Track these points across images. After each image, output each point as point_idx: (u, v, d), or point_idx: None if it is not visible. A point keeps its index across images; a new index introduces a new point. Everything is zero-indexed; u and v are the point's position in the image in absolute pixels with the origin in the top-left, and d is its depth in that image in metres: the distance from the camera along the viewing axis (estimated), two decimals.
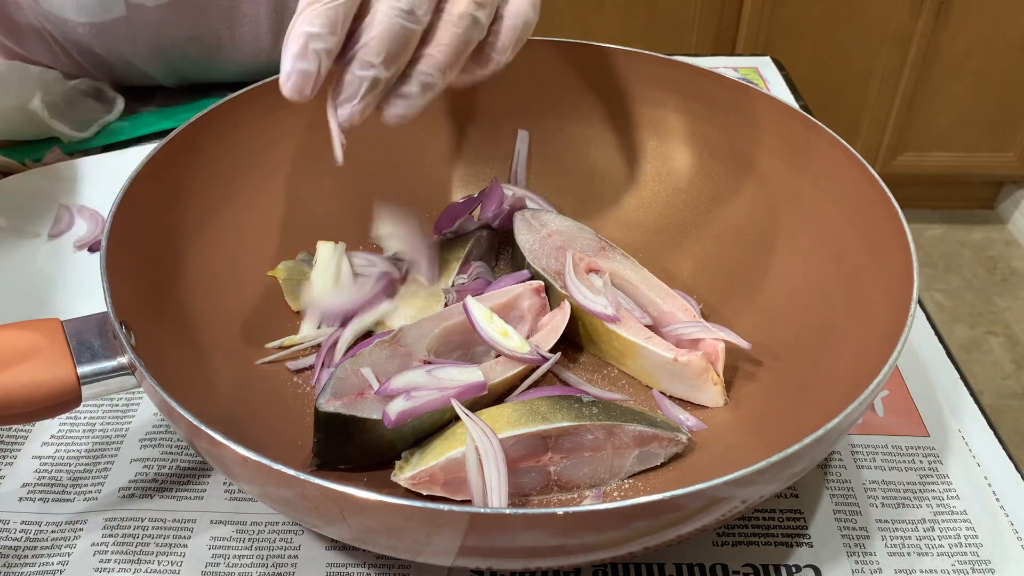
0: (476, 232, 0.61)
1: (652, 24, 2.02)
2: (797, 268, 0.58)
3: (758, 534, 0.50)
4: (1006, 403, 1.88)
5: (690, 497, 0.37)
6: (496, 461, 0.45)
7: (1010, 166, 2.24)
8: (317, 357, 0.55)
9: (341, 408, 0.47)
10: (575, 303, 0.55)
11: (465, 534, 0.37)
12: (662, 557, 0.49)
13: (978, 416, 0.57)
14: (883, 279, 0.51)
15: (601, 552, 0.41)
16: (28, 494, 0.52)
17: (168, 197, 0.55)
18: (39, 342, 0.44)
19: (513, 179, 0.67)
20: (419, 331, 0.52)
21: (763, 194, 0.61)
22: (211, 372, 0.52)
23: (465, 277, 0.58)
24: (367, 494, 0.36)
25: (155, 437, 0.55)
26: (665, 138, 0.66)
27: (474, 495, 0.45)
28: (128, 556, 0.48)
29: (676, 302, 0.56)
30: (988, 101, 2.13)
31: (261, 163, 0.61)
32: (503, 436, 0.46)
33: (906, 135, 2.18)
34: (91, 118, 0.80)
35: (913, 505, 0.52)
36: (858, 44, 2.03)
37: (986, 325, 2.07)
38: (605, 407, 0.50)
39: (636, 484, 0.49)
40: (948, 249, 2.29)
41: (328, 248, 0.60)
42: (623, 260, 0.58)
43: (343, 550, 0.49)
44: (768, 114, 0.61)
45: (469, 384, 0.49)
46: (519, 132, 0.68)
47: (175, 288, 0.53)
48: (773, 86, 0.90)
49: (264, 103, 0.61)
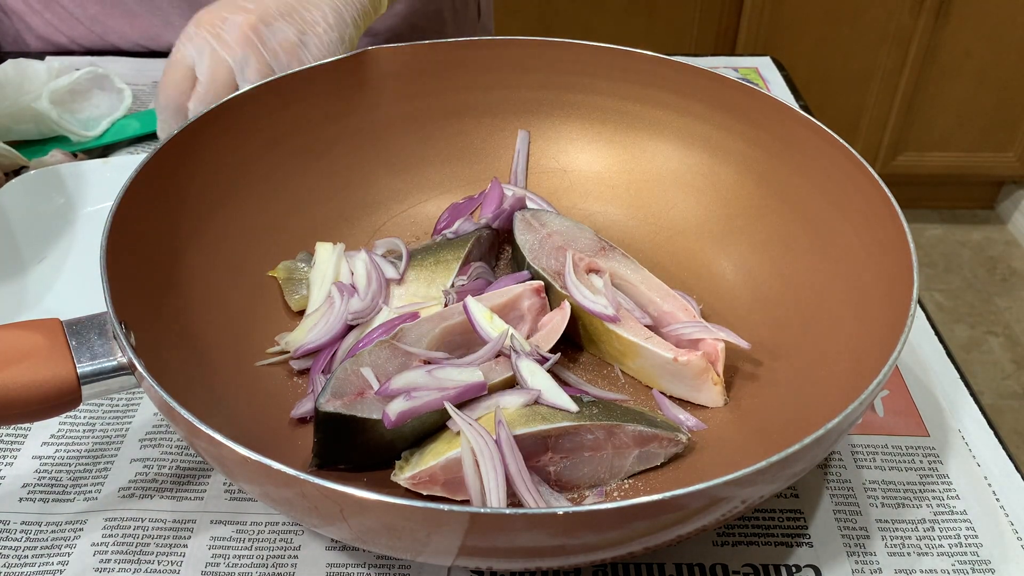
0: (476, 232, 0.61)
1: (652, 24, 2.02)
2: (797, 268, 0.58)
3: (758, 534, 0.50)
4: (1006, 403, 1.88)
5: (690, 497, 0.37)
6: (493, 461, 0.45)
7: (1010, 166, 2.24)
8: (314, 366, 0.54)
9: (341, 408, 0.47)
10: (575, 303, 0.55)
11: (465, 534, 0.37)
12: (662, 557, 0.49)
13: (978, 416, 0.57)
14: (883, 279, 0.51)
15: (601, 552, 0.41)
16: (28, 494, 0.51)
17: (168, 197, 0.55)
18: (39, 342, 0.44)
19: (513, 179, 0.67)
20: (419, 331, 0.52)
21: (762, 194, 0.61)
22: (211, 372, 0.52)
23: (465, 277, 0.58)
24: (367, 494, 0.36)
25: (155, 437, 0.55)
26: (665, 138, 0.66)
27: (472, 497, 0.45)
28: (128, 556, 0.48)
29: (676, 302, 0.56)
30: (988, 101, 2.12)
31: (261, 163, 0.61)
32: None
33: (906, 135, 2.17)
34: (99, 114, 0.80)
35: (913, 505, 0.52)
36: (858, 44, 2.03)
37: (986, 325, 2.07)
38: (605, 407, 0.50)
39: (636, 484, 0.49)
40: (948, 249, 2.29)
41: (327, 248, 0.60)
42: (623, 260, 0.58)
43: (343, 550, 0.49)
44: (768, 114, 0.61)
45: (469, 384, 0.49)
46: (519, 132, 0.68)
47: (175, 288, 0.53)
48: (773, 86, 0.90)
49: (264, 103, 0.61)
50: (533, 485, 0.46)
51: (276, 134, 0.62)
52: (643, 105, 0.66)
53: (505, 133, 0.68)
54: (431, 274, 0.58)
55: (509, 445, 0.46)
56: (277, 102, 0.62)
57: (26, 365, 0.43)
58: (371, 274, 0.57)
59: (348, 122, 0.65)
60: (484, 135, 0.68)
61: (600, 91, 0.67)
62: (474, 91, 0.67)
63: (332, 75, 0.63)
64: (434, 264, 0.59)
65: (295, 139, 0.63)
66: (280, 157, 0.62)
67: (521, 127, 0.68)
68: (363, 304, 0.56)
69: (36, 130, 0.78)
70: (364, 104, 0.65)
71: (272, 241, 0.61)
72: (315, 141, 0.64)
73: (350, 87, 0.64)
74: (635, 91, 0.66)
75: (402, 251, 0.60)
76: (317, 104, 0.63)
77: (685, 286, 0.61)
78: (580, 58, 0.66)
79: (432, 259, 0.59)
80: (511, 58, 0.66)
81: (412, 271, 0.59)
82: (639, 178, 0.67)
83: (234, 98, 0.59)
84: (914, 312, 0.46)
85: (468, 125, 0.68)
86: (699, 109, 0.64)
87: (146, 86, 0.88)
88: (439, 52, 0.66)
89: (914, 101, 2.11)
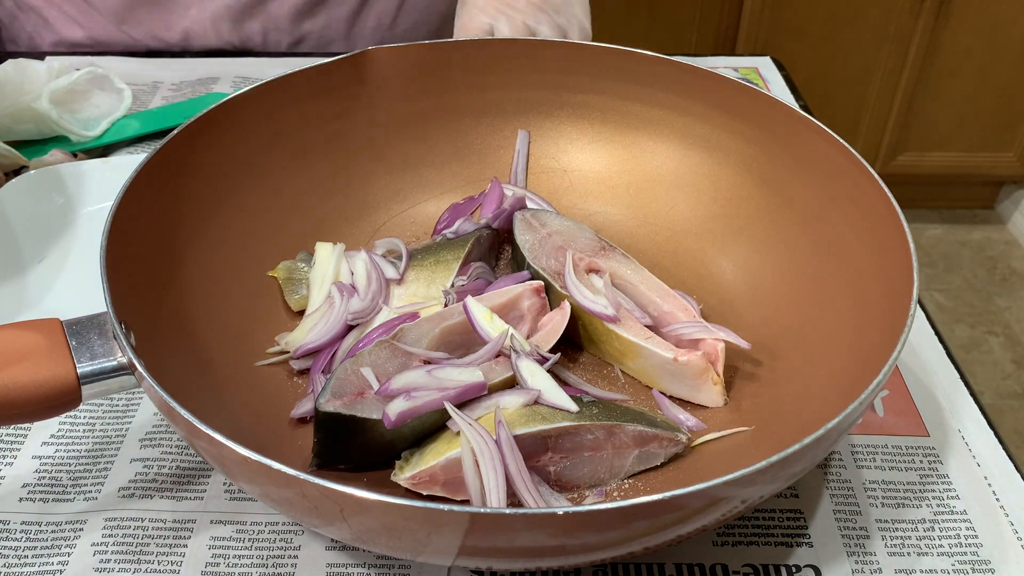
0: (476, 232, 0.61)
1: (652, 24, 2.02)
2: (797, 268, 0.58)
3: (758, 534, 0.50)
4: (1006, 403, 1.88)
5: (690, 497, 0.37)
6: (493, 461, 0.45)
7: (1010, 166, 2.24)
8: (314, 366, 0.55)
9: (341, 408, 0.47)
10: (575, 303, 0.55)
11: (465, 534, 0.37)
12: (662, 557, 0.49)
13: (978, 416, 0.57)
14: (883, 279, 0.51)
15: (601, 552, 0.41)
16: (28, 494, 0.51)
17: (168, 197, 0.55)
18: (39, 342, 0.44)
19: (513, 179, 0.67)
20: (419, 331, 0.52)
21: (763, 194, 0.61)
22: (211, 372, 0.52)
23: (465, 277, 0.58)
24: (367, 494, 0.36)
25: (155, 437, 0.55)
26: (665, 138, 0.66)
27: (472, 497, 0.45)
28: (128, 556, 0.48)
29: (676, 302, 0.56)
30: (988, 101, 2.13)
31: (261, 163, 0.61)
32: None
33: (906, 135, 2.17)
34: (98, 114, 0.80)
35: (913, 505, 0.52)
36: (858, 44, 2.03)
37: (986, 325, 2.07)
38: (605, 407, 0.50)
39: (636, 484, 0.49)
40: (948, 249, 2.29)
41: (327, 248, 0.60)
42: (623, 260, 0.58)
43: (343, 550, 0.49)
44: (768, 114, 0.61)
45: (469, 384, 0.49)
46: (519, 132, 0.68)
47: (175, 288, 0.53)
48: (773, 86, 0.90)
49: (265, 103, 0.61)
50: (533, 485, 0.46)
51: (276, 134, 0.62)
52: (643, 105, 0.66)
53: (505, 133, 0.68)
54: (431, 274, 0.58)
55: (509, 445, 0.46)
56: (277, 102, 0.62)
57: (26, 365, 0.43)
58: (371, 274, 0.57)
59: (348, 122, 0.65)
60: (484, 135, 0.68)
61: (600, 91, 0.67)
62: (474, 91, 0.67)
63: (332, 75, 0.63)
64: (434, 264, 0.59)
65: (295, 139, 0.63)
66: (280, 157, 0.62)
67: (521, 127, 0.68)
68: (363, 304, 0.56)
69: (36, 130, 0.78)
70: (364, 104, 0.65)
71: (272, 241, 0.61)
72: (315, 141, 0.64)
73: (350, 87, 0.64)
74: (635, 91, 0.66)
75: (402, 251, 0.60)
76: (317, 104, 0.63)
77: (685, 286, 0.61)
78: (580, 58, 0.66)
79: (432, 259, 0.59)
80: (511, 58, 0.66)
81: (412, 271, 0.59)
82: (639, 178, 0.67)
83: (234, 98, 0.59)
84: (914, 312, 0.46)
85: (468, 125, 0.68)
86: (699, 109, 0.64)
87: (146, 86, 0.89)
88: (439, 52, 0.66)
89: (914, 101, 2.11)
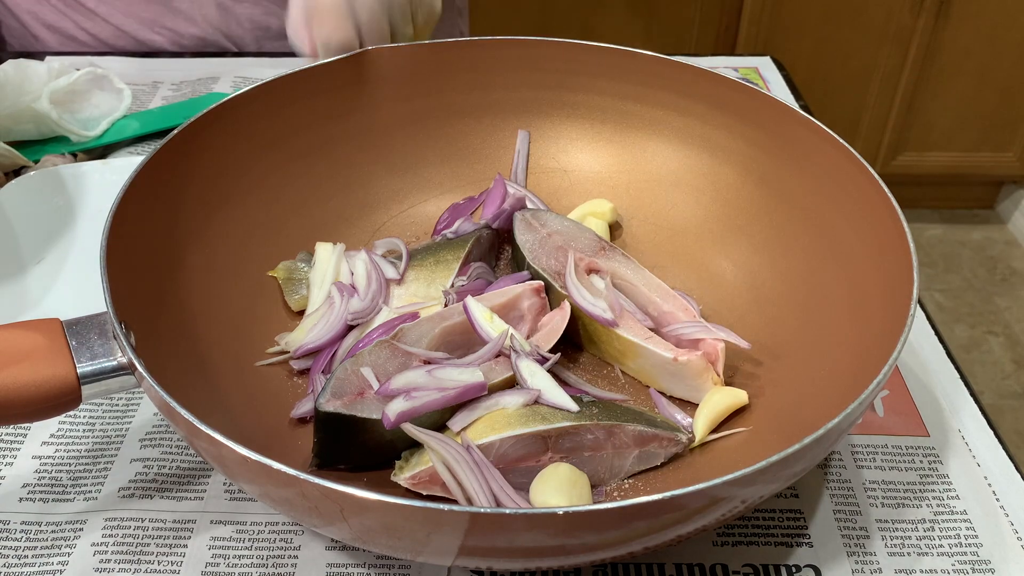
0: (476, 232, 0.61)
1: (652, 24, 2.02)
2: (797, 268, 0.58)
3: (758, 534, 0.50)
4: (1006, 403, 1.88)
5: (690, 497, 0.37)
6: (468, 464, 0.45)
7: (1010, 166, 2.24)
8: (314, 366, 0.55)
9: (341, 408, 0.47)
10: (575, 304, 0.55)
11: (465, 534, 0.37)
12: (662, 557, 0.49)
13: (978, 416, 0.57)
14: (883, 279, 0.51)
15: (601, 552, 0.41)
16: (28, 494, 0.51)
17: (168, 197, 0.55)
18: (39, 342, 0.44)
19: (513, 179, 0.67)
20: (419, 331, 0.52)
21: (762, 194, 0.61)
22: (211, 372, 0.52)
23: (465, 277, 0.58)
24: (367, 494, 0.36)
25: (155, 437, 0.55)
26: (665, 138, 0.66)
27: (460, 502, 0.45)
28: (128, 556, 0.48)
29: (676, 302, 0.56)
30: (988, 101, 2.12)
31: (261, 163, 0.61)
32: (503, 436, 0.47)
33: (906, 135, 2.17)
34: (98, 114, 0.80)
35: (913, 505, 0.52)
36: (858, 44, 2.03)
37: (986, 325, 2.07)
38: (605, 407, 0.50)
39: (636, 484, 0.49)
40: (948, 249, 2.29)
41: (327, 249, 0.60)
42: (623, 260, 0.58)
43: (343, 550, 0.49)
44: (768, 114, 0.61)
45: (469, 384, 0.49)
46: (519, 132, 0.68)
47: (175, 288, 0.53)
48: (773, 86, 0.90)
49: (265, 103, 0.61)
50: (516, 493, 0.45)
51: (276, 134, 0.62)
52: (643, 105, 0.66)
53: (505, 133, 0.68)
54: (431, 274, 0.58)
55: (483, 463, 0.46)
56: (277, 102, 0.62)
57: (26, 365, 0.43)
58: (371, 274, 0.57)
59: (348, 122, 0.65)
60: (484, 135, 0.68)
61: (600, 91, 0.67)
62: (474, 91, 0.67)
63: (332, 75, 0.63)
64: (434, 264, 0.59)
65: (295, 139, 0.63)
66: (280, 157, 0.62)
67: (521, 127, 0.68)
68: (363, 304, 0.56)
69: (36, 130, 0.78)
70: (364, 104, 0.65)
71: (272, 241, 0.61)
72: (315, 141, 0.64)
73: (350, 87, 0.64)
74: (635, 91, 0.66)
75: (402, 251, 0.60)
76: (317, 104, 0.63)
77: (685, 286, 0.61)
78: (580, 58, 0.66)
79: (432, 259, 0.59)
80: (511, 58, 0.66)
81: (412, 271, 0.59)
82: (639, 178, 0.66)
83: (234, 98, 0.59)
84: (914, 312, 0.46)
85: (468, 125, 0.68)
86: (699, 109, 0.64)
87: (146, 86, 0.88)
88: (439, 52, 0.66)
89: (914, 101, 2.11)
